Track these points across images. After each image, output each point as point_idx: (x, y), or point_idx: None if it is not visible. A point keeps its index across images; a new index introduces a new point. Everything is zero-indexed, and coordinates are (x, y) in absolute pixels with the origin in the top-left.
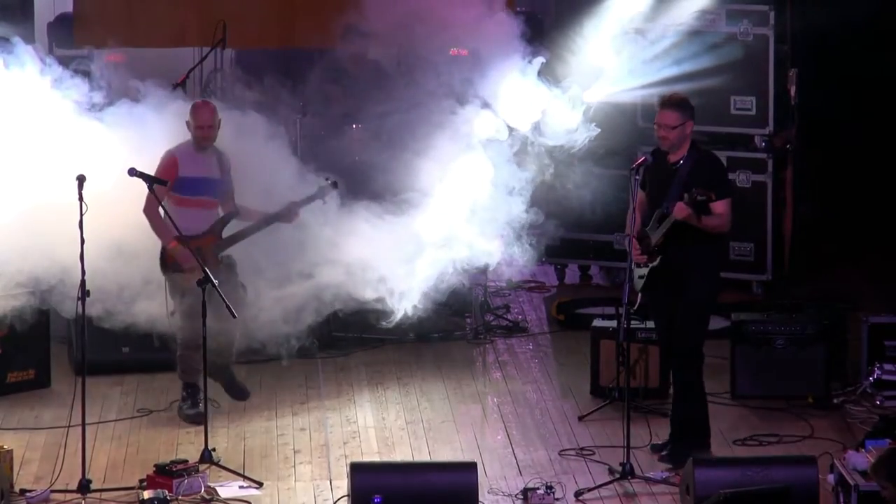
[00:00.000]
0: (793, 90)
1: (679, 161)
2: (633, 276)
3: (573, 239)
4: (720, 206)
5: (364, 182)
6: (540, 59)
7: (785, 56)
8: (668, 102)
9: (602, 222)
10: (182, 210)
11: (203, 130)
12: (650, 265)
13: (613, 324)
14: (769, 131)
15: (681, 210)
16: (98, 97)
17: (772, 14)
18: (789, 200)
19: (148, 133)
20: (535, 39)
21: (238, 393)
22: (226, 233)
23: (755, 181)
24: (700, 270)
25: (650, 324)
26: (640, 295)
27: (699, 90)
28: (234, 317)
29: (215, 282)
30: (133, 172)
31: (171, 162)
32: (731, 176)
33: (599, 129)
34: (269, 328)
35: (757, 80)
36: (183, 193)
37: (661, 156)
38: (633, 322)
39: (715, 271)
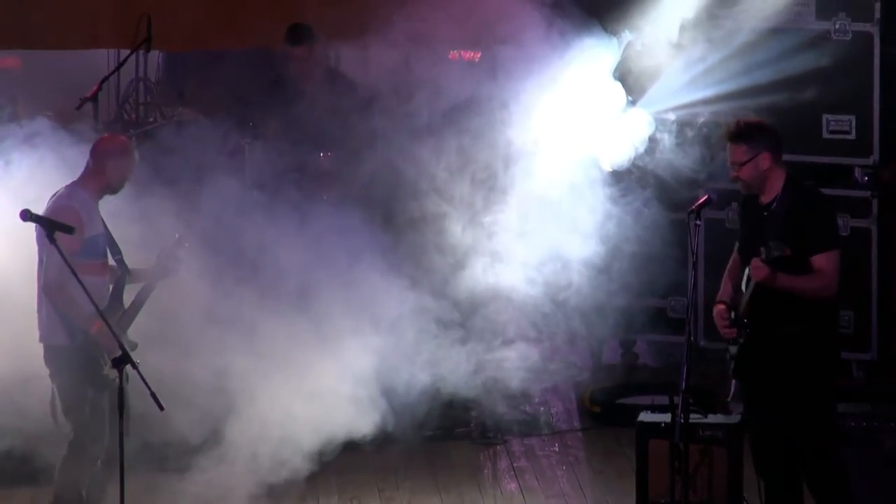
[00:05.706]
0: None
1: (772, 203)
2: (691, 354)
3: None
4: (821, 261)
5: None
6: (626, 37)
7: (894, 62)
8: (732, 133)
9: (651, 283)
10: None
11: (130, 173)
12: (739, 341)
13: (667, 418)
14: (874, 161)
15: (757, 270)
16: None
17: (877, 5)
18: None
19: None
20: None
21: None
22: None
23: (855, 227)
24: (803, 353)
25: (714, 417)
26: (733, 382)
27: (781, 107)
28: (161, 409)
29: (136, 362)
30: (27, 216)
31: (75, 217)
32: None
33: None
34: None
35: (857, 93)
36: (84, 258)
37: (751, 200)
38: (692, 416)
39: (823, 350)
